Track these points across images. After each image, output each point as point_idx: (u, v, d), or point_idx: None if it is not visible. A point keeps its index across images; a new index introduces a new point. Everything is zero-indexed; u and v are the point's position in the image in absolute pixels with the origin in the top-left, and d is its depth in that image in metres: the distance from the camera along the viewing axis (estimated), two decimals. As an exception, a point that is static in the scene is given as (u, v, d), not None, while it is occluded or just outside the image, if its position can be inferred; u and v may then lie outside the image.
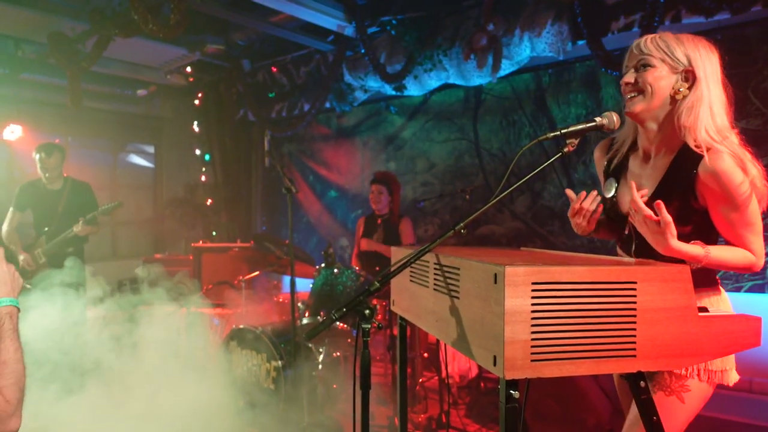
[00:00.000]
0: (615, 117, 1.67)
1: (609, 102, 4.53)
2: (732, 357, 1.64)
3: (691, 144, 1.61)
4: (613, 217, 1.83)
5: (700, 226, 1.65)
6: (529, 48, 4.33)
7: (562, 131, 1.61)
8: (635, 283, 1.24)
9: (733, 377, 1.66)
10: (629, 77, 1.68)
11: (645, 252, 1.68)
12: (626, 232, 1.78)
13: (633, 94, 1.67)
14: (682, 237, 1.54)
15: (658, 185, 1.69)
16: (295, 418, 3.38)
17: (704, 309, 1.39)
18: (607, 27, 3.99)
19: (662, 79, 1.63)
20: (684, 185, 1.62)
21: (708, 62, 1.63)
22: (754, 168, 1.57)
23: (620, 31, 3.97)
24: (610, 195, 1.83)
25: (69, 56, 5.32)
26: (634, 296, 1.24)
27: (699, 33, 4.06)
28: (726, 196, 1.56)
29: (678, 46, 1.63)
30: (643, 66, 1.65)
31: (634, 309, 1.24)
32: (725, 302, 1.72)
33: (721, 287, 1.74)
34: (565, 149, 1.62)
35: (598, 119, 1.68)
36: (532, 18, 4.28)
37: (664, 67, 1.63)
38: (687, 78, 1.63)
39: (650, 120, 1.69)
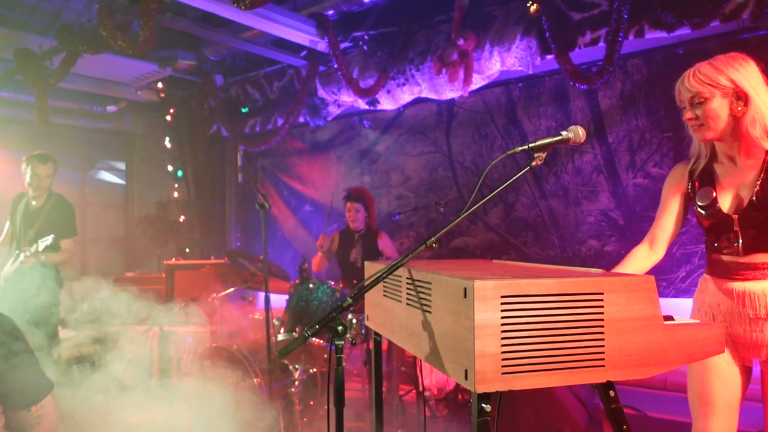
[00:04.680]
0: (580, 131, 1.71)
1: (577, 114, 4.62)
2: None
3: None
4: (717, 220, 1.93)
5: None
6: (499, 62, 4.40)
7: (530, 145, 1.64)
8: (602, 294, 1.26)
9: None
10: (689, 114, 1.90)
11: (752, 246, 1.85)
12: (735, 229, 1.88)
13: (698, 126, 1.89)
14: None
15: (762, 181, 1.83)
16: (271, 437, 3.33)
17: (670, 318, 1.42)
18: (573, 42, 4.09)
19: (717, 108, 1.84)
20: None
21: (749, 75, 1.82)
22: None
23: (587, 45, 4.06)
24: (708, 202, 1.93)
25: (36, 72, 5.24)
26: (602, 307, 1.26)
27: (662, 47, 4.21)
28: None
29: (718, 73, 1.82)
30: (698, 102, 1.86)
31: (602, 320, 1.26)
32: None
33: None
34: (533, 163, 1.65)
35: (564, 133, 1.71)
36: (502, 33, 4.36)
37: (715, 97, 1.83)
38: (739, 97, 1.82)
39: (722, 138, 1.89)
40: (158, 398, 3.77)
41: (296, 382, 3.57)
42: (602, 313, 1.26)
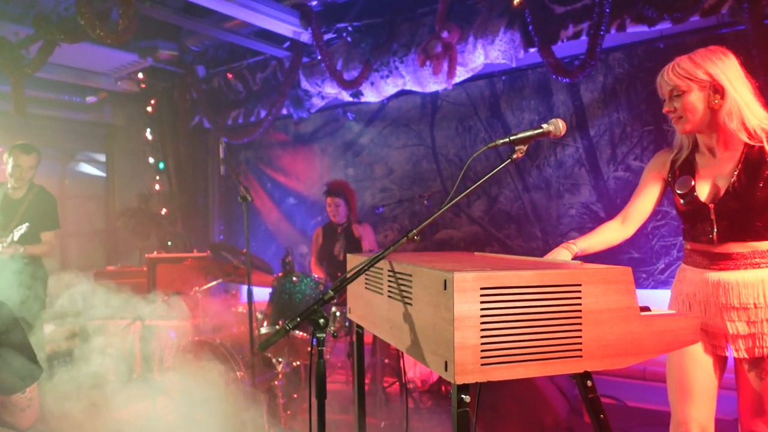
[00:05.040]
0: (561, 124, 1.72)
1: (560, 108, 4.65)
2: None
3: (746, 139, 1.84)
4: (694, 208, 1.96)
5: None
6: (482, 55, 4.41)
7: (511, 138, 1.64)
8: (580, 285, 1.27)
9: None
10: (668, 107, 1.94)
11: (726, 236, 1.89)
12: (711, 218, 1.92)
13: (676, 118, 1.93)
14: None
15: (740, 171, 1.86)
16: (255, 430, 3.33)
17: (646, 309, 1.44)
18: (556, 35, 4.11)
19: (695, 101, 1.87)
20: (762, 169, 1.83)
21: (727, 69, 1.85)
22: None
23: (569, 39, 4.09)
24: (686, 190, 1.97)
25: (12, 61, 5.12)
26: (579, 298, 1.27)
27: (643, 41, 4.25)
28: None
29: (696, 67, 1.86)
30: (676, 95, 1.90)
31: (580, 311, 1.27)
32: None
33: None
34: (514, 155, 1.66)
35: (544, 126, 1.72)
36: (485, 25, 4.36)
37: (692, 90, 1.87)
38: (716, 90, 1.85)
39: (702, 130, 1.94)
40: (140, 393, 3.74)
41: (279, 375, 3.57)
42: (580, 304, 1.27)
